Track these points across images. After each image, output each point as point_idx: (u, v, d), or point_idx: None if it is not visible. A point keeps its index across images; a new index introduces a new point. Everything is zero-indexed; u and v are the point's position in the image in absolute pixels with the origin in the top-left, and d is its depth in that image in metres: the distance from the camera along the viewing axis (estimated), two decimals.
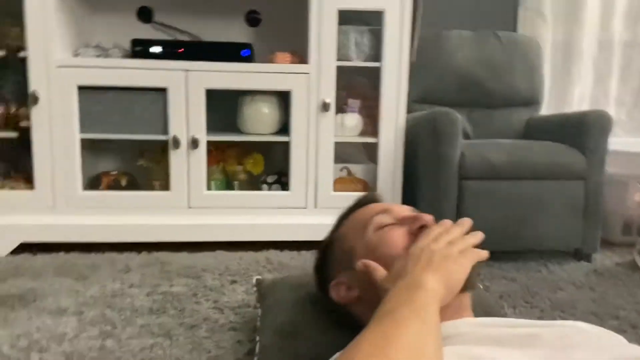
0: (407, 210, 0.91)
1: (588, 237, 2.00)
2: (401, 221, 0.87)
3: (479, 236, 0.80)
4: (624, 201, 2.30)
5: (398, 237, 0.84)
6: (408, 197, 2.10)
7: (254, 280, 1.36)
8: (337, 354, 0.69)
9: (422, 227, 0.85)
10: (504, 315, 1.26)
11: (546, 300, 1.62)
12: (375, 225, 0.88)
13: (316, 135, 2.02)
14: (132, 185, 2.15)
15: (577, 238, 2.00)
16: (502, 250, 2.00)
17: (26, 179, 2.02)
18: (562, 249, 2.07)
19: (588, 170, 1.96)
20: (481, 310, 1.09)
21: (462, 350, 0.67)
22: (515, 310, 1.54)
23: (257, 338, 1.13)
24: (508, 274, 1.86)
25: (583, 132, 1.98)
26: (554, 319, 1.47)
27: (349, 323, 0.89)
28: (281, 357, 1.01)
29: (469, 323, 0.78)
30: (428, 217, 0.86)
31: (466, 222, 0.83)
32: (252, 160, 2.18)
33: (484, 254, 0.78)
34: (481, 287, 1.53)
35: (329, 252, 0.97)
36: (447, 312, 0.78)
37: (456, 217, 1.90)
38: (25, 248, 1.93)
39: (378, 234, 0.86)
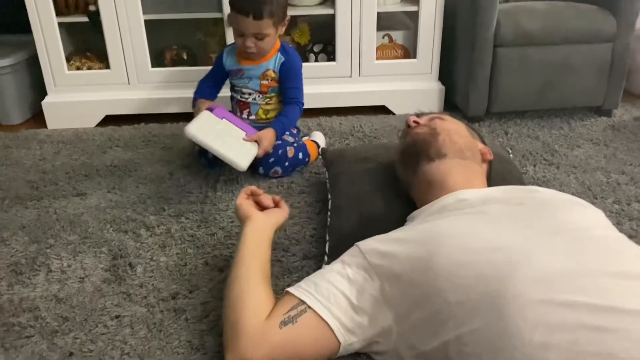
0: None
1: (610, 94, 2.18)
2: None
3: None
4: None
5: None
6: (445, 66, 2.26)
7: (319, 150, 1.66)
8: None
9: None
10: (521, 177, 1.53)
11: (564, 158, 1.88)
12: None
13: (360, 5, 2.14)
14: (192, 58, 2.37)
15: (600, 96, 2.18)
16: (529, 110, 2.22)
17: (99, 58, 2.26)
18: (585, 106, 2.25)
19: (618, 32, 2.07)
20: (500, 179, 1.37)
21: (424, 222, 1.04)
22: (535, 167, 1.80)
23: (329, 197, 1.45)
24: (533, 132, 2.09)
25: None
26: (568, 175, 1.75)
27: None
28: (349, 215, 1.33)
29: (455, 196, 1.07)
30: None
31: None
32: (299, 31, 2.34)
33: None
34: (509, 150, 1.79)
35: None
36: (458, 180, 1.09)
37: (490, 83, 2.09)
38: (110, 121, 2.24)
39: None
